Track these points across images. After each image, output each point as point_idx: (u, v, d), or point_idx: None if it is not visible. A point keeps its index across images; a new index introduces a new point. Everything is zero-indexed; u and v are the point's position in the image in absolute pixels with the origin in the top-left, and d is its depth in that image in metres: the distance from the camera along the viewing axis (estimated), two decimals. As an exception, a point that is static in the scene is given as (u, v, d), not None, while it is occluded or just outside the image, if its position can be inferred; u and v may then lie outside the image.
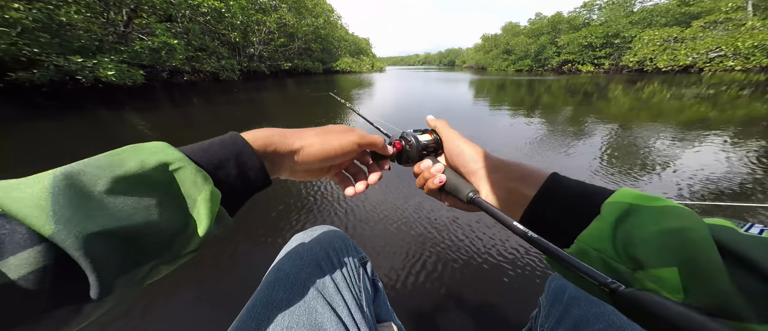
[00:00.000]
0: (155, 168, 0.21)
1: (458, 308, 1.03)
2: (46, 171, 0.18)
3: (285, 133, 0.32)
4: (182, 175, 0.22)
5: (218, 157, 0.26)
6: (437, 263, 1.24)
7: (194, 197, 0.22)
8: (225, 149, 0.26)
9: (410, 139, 0.41)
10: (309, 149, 0.33)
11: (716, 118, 4.08)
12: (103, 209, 0.18)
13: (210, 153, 0.25)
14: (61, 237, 0.15)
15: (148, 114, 4.79)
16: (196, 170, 0.22)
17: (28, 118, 4.28)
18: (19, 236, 0.15)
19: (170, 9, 8.80)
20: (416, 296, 1.08)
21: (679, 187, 1.92)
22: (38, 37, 5.46)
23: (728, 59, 14.04)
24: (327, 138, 0.34)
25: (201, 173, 0.23)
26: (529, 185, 0.30)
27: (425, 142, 0.41)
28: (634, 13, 22.94)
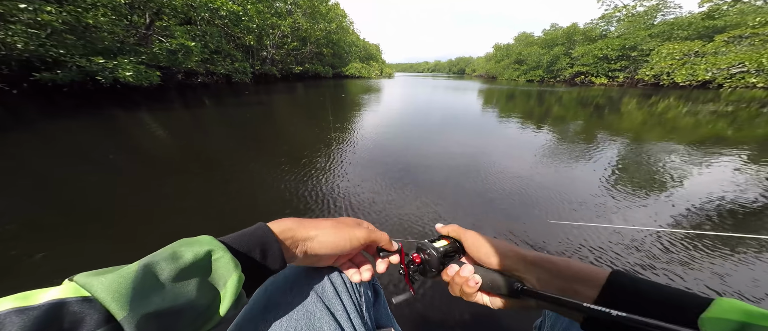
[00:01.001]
0: (203, 258, 0.26)
1: (459, 315, 1.03)
2: (130, 264, 0.23)
3: (303, 222, 0.37)
4: (220, 262, 0.27)
5: (247, 246, 0.31)
6: None
7: (225, 279, 0.27)
8: (254, 239, 0.32)
9: (427, 250, 0.41)
10: (322, 238, 0.37)
11: (733, 137, 3.92)
12: (160, 292, 0.22)
13: (242, 242, 0.31)
14: (127, 320, 0.20)
15: (162, 115, 4.97)
16: (231, 258, 0.28)
17: (50, 118, 4.51)
18: (96, 317, 0.20)
19: (190, 12, 9.16)
20: (417, 302, 1.08)
21: (690, 211, 1.84)
22: (65, 39, 5.77)
23: (750, 75, 13.48)
24: (339, 231, 0.38)
25: (234, 260, 0.28)
26: (587, 284, 0.29)
27: (444, 250, 0.40)
28: (655, 25, 22.39)
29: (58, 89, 6.72)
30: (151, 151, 2.96)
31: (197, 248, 0.26)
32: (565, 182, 2.32)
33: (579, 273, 0.30)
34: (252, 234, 0.32)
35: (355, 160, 2.74)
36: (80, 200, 1.81)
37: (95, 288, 0.20)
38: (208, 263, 0.27)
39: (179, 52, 8.40)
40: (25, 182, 2.08)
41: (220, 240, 0.29)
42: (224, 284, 0.26)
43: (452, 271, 0.39)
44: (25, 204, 1.74)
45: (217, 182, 2.16)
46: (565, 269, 0.31)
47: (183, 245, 0.27)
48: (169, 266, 0.24)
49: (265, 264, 0.32)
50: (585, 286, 0.29)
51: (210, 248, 0.27)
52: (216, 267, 0.27)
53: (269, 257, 0.32)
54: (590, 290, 0.28)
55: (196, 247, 0.27)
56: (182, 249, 0.26)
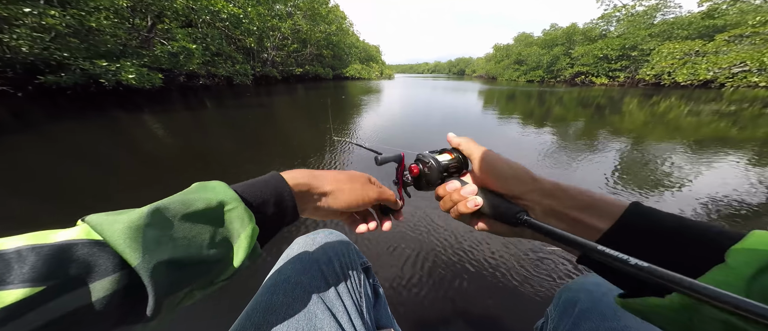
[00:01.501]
0: (216, 207, 0.25)
1: (459, 316, 1.02)
2: (140, 208, 0.22)
3: (317, 175, 0.35)
4: (234, 214, 0.26)
5: (262, 197, 0.29)
6: (439, 270, 1.23)
7: (239, 232, 0.26)
8: (268, 189, 0.30)
9: (428, 162, 0.38)
10: (337, 194, 0.36)
11: (736, 137, 3.91)
12: (172, 240, 0.21)
13: (255, 192, 0.29)
14: (142, 266, 0.19)
15: (164, 117, 5.00)
16: (244, 209, 0.26)
17: (54, 120, 4.54)
18: (109, 262, 0.19)
19: (192, 14, 9.23)
20: (417, 303, 1.07)
21: (692, 208, 1.84)
22: (69, 42, 5.83)
23: (752, 75, 13.46)
24: (353, 187, 0.37)
25: (248, 212, 0.27)
26: (601, 216, 0.26)
27: (446, 163, 0.38)
28: (655, 25, 22.41)
29: (62, 92, 6.77)
30: (153, 152, 2.98)
31: (210, 196, 0.25)
32: (568, 181, 2.31)
33: (593, 202, 0.27)
34: (266, 184, 0.31)
35: (355, 163, 2.75)
36: (82, 201, 1.83)
37: (108, 232, 0.19)
38: (221, 214, 0.25)
39: (181, 55, 8.46)
40: (30, 183, 2.09)
41: (233, 188, 0.28)
42: (238, 236, 0.25)
43: (451, 187, 0.36)
44: (28, 205, 1.76)
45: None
46: (578, 197, 0.28)
47: (195, 192, 0.26)
48: (180, 213, 0.23)
49: (278, 217, 0.30)
50: (597, 217, 0.26)
51: (223, 198, 0.26)
52: (229, 219, 0.25)
53: (283, 209, 0.31)
54: (602, 222, 0.25)
55: (210, 194, 0.26)
56: (194, 197, 0.25)
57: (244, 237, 0.26)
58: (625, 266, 0.19)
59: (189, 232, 0.23)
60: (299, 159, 2.74)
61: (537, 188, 0.31)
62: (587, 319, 0.41)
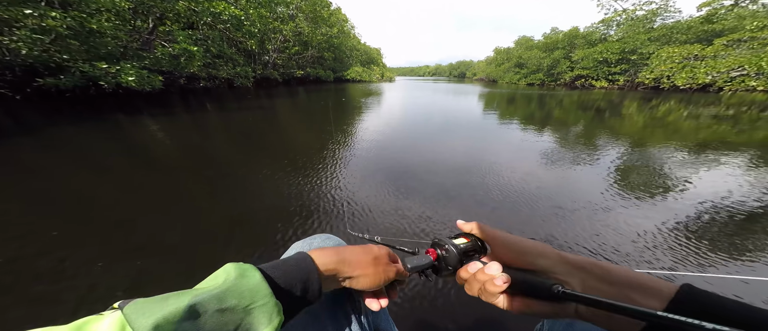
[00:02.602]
0: (248, 304, 0.26)
1: (458, 319, 1.02)
2: (179, 293, 0.24)
3: (345, 259, 0.36)
4: (264, 309, 0.27)
5: (291, 281, 0.31)
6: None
7: (265, 325, 0.26)
8: (298, 273, 0.32)
9: (446, 246, 0.38)
10: (362, 280, 0.37)
11: (735, 140, 3.91)
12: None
13: (285, 276, 0.31)
14: None
15: (164, 120, 4.99)
16: (274, 305, 0.27)
17: (52, 123, 4.53)
18: None
19: (193, 16, 9.26)
20: (416, 307, 1.08)
21: (692, 213, 1.83)
22: (69, 44, 5.83)
23: (750, 79, 13.50)
24: (376, 270, 0.38)
25: (277, 306, 0.27)
26: (651, 296, 0.25)
27: (464, 247, 0.38)
28: (654, 29, 22.53)
29: (61, 94, 6.77)
30: (152, 155, 2.97)
31: (244, 292, 0.26)
32: (569, 185, 2.31)
33: (639, 281, 0.26)
34: (297, 267, 0.32)
35: (356, 164, 2.74)
36: (81, 205, 1.81)
37: (139, 326, 0.20)
38: (252, 307, 0.26)
39: (182, 57, 8.47)
40: (28, 186, 2.08)
41: (265, 275, 0.29)
42: (263, 329, 0.26)
43: (474, 268, 0.35)
44: (28, 208, 1.74)
45: (219, 186, 2.16)
46: (621, 275, 0.27)
47: (230, 283, 0.26)
48: (213, 308, 0.24)
49: (303, 298, 0.31)
50: (647, 297, 0.25)
51: (256, 294, 0.27)
52: (259, 312, 0.26)
53: (308, 292, 0.32)
54: (653, 302, 0.24)
55: (243, 289, 0.26)
56: (229, 292, 0.26)
57: (269, 329, 0.27)
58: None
59: (217, 325, 0.24)
60: (299, 160, 2.73)
61: (563, 261, 0.30)
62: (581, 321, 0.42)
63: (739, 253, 1.46)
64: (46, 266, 1.26)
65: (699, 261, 1.40)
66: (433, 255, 0.40)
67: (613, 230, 1.66)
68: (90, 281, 1.19)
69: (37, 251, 1.36)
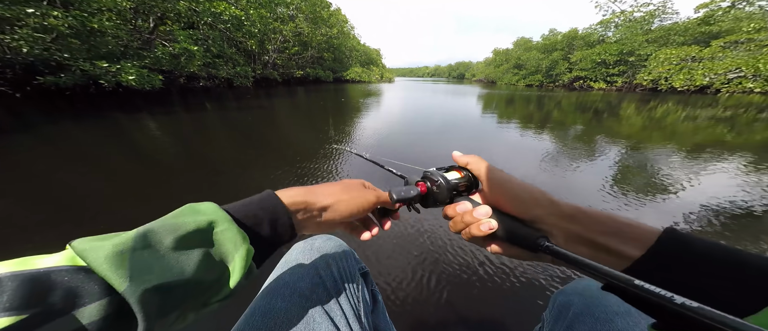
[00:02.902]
0: (206, 229, 0.25)
1: (457, 322, 1.02)
2: (127, 231, 0.22)
3: (312, 191, 0.35)
4: (226, 235, 0.25)
5: (255, 216, 0.29)
6: (437, 275, 1.24)
7: (232, 254, 0.25)
8: (262, 208, 0.30)
9: (436, 179, 0.37)
10: (337, 206, 0.35)
11: (732, 142, 3.95)
12: (161, 264, 0.21)
13: (249, 212, 0.29)
14: (129, 292, 0.18)
15: (164, 118, 5.00)
16: (237, 231, 0.26)
17: (52, 121, 4.53)
18: (95, 288, 0.18)
19: (194, 16, 9.28)
20: (415, 309, 1.08)
21: (689, 213, 1.86)
22: (70, 43, 5.84)
23: (747, 81, 13.62)
24: (351, 196, 0.37)
25: (241, 233, 0.26)
26: (631, 242, 0.24)
27: (455, 181, 0.36)
28: (652, 31, 22.68)
29: (60, 93, 6.76)
30: (152, 154, 2.98)
31: (200, 218, 0.25)
32: (566, 186, 2.34)
33: (621, 227, 0.25)
34: (260, 203, 0.30)
35: (356, 163, 2.76)
36: (78, 203, 1.83)
37: (92, 257, 0.19)
38: (212, 235, 0.25)
39: (182, 57, 8.49)
40: (27, 185, 2.09)
41: (225, 209, 0.27)
42: (232, 257, 0.25)
43: (463, 208, 0.34)
44: (26, 207, 1.76)
45: (218, 184, 2.18)
46: (605, 222, 0.26)
47: (185, 215, 0.25)
48: (170, 236, 0.22)
49: (274, 237, 0.30)
50: (627, 243, 0.24)
51: (214, 219, 0.25)
52: (222, 240, 0.25)
53: (279, 229, 0.30)
54: (633, 249, 0.24)
55: (200, 216, 0.25)
56: (184, 219, 0.24)
57: (238, 258, 0.25)
58: (670, 304, 0.18)
59: (179, 255, 0.22)
60: (299, 160, 2.75)
61: (556, 212, 0.29)
62: (581, 322, 0.41)
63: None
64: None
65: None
66: (422, 188, 0.38)
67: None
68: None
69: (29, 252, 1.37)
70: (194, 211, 0.26)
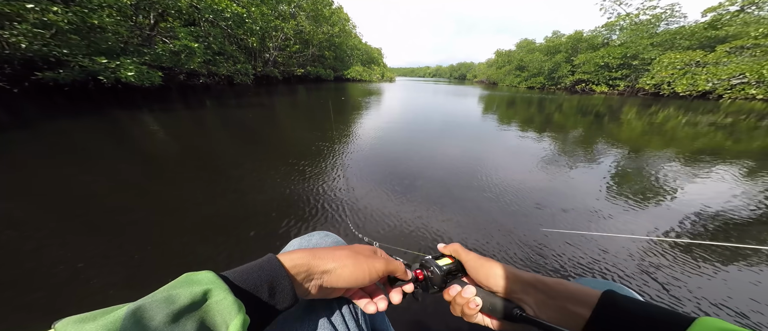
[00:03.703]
0: (200, 301, 0.25)
1: (454, 322, 1.02)
2: (117, 306, 0.22)
3: (318, 255, 0.35)
4: (221, 305, 0.25)
5: (255, 282, 0.29)
6: None
7: (227, 324, 0.25)
8: (262, 275, 0.30)
9: (431, 267, 0.41)
10: (340, 271, 0.35)
11: (731, 149, 3.92)
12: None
13: (248, 278, 0.29)
14: None
15: (163, 115, 5.00)
16: (233, 301, 0.26)
17: (50, 117, 4.54)
18: None
19: (195, 13, 9.26)
20: (413, 308, 1.08)
21: (685, 220, 1.84)
22: (69, 39, 5.84)
23: (751, 87, 13.51)
24: (357, 262, 0.36)
25: (236, 303, 0.26)
26: (581, 304, 0.30)
27: (447, 268, 0.41)
28: (657, 34, 22.49)
29: (59, 88, 6.77)
30: (148, 151, 2.98)
31: (195, 290, 0.25)
32: (564, 190, 2.32)
33: (572, 294, 0.31)
34: (260, 269, 0.31)
35: (356, 165, 2.75)
36: (75, 201, 1.83)
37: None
38: (207, 307, 0.25)
39: (182, 53, 8.48)
40: (24, 182, 2.09)
41: (222, 277, 0.27)
42: (226, 328, 0.25)
43: (454, 292, 0.39)
44: (22, 205, 1.76)
45: (215, 184, 2.17)
46: (559, 290, 0.32)
47: (180, 286, 0.25)
48: (162, 312, 0.22)
49: (273, 303, 0.30)
50: (578, 306, 0.30)
51: (208, 288, 0.25)
52: (217, 310, 0.25)
53: (278, 295, 0.30)
54: (583, 310, 0.30)
55: (195, 287, 0.25)
56: (179, 292, 0.24)
57: (232, 328, 0.25)
58: None
59: (173, 328, 0.22)
60: (297, 158, 2.74)
61: (520, 282, 0.35)
62: None
63: (728, 252, 1.47)
64: (34, 265, 1.27)
65: (694, 260, 1.41)
66: (420, 276, 0.42)
67: (607, 232, 1.67)
68: (82, 281, 1.20)
69: (26, 248, 1.37)
70: (190, 282, 0.26)
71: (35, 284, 1.17)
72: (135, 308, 0.21)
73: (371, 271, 0.37)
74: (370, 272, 0.37)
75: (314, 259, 0.34)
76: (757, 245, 1.66)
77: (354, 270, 0.36)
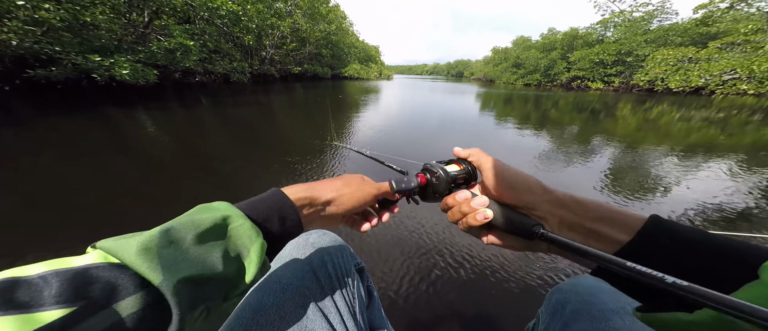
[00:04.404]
0: (222, 225, 0.26)
1: (452, 317, 1.03)
2: (148, 230, 0.22)
3: (315, 187, 0.36)
4: (241, 230, 0.26)
5: (265, 213, 0.30)
6: (432, 271, 1.25)
7: (248, 248, 0.26)
8: (270, 205, 0.31)
9: (436, 171, 0.37)
10: (340, 200, 0.36)
11: (724, 143, 4.00)
12: (187, 259, 0.22)
13: (258, 209, 0.30)
14: (164, 285, 0.19)
15: (158, 114, 4.95)
16: (251, 226, 0.27)
17: (42, 115, 4.47)
18: (130, 282, 0.19)
19: (190, 11, 9.14)
20: (411, 304, 1.08)
21: (680, 211, 1.89)
22: (61, 36, 5.74)
23: (742, 82, 13.75)
24: (352, 190, 0.38)
25: (254, 228, 0.27)
26: (620, 228, 0.25)
27: (454, 174, 0.37)
28: (650, 31, 22.73)
29: (51, 86, 6.66)
30: (144, 149, 2.96)
31: (216, 214, 0.26)
32: (561, 184, 2.35)
33: (611, 214, 0.27)
34: (268, 200, 0.32)
35: (355, 164, 2.76)
36: (70, 199, 1.81)
37: (124, 254, 0.20)
38: (229, 231, 0.26)
39: (178, 51, 8.37)
40: (20, 179, 2.07)
41: (237, 206, 0.29)
42: (248, 252, 0.26)
43: (461, 197, 0.35)
44: (19, 202, 1.74)
45: (213, 183, 2.17)
46: (595, 210, 0.28)
47: (200, 212, 0.26)
48: (191, 233, 0.23)
49: (283, 231, 0.31)
50: (616, 229, 0.25)
51: (228, 214, 0.26)
52: (237, 235, 0.26)
53: (287, 224, 0.31)
54: (621, 234, 0.25)
55: (215, 213, 0.26)
56: (201, 216, 0.25)
57: (253, 252, 0.26)
58: (662, 283, 0.19)
59: (202, 250, 0.23)
60: (297, 158, 2.74)
61: (550, 199, 0.30)
62: (577, 320, 0.41)
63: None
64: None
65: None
66: (422, 180, 0.39)
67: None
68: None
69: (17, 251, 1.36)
70: (208, 209, 0.27)
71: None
72: (166, 229, 0.23)
73: (365, 196, 0.38)
74: (365, 198, 0.38)
75: (315, 191, 0.35)
76: (750, 234, 1.71)
77: (351, 196, 0.37)
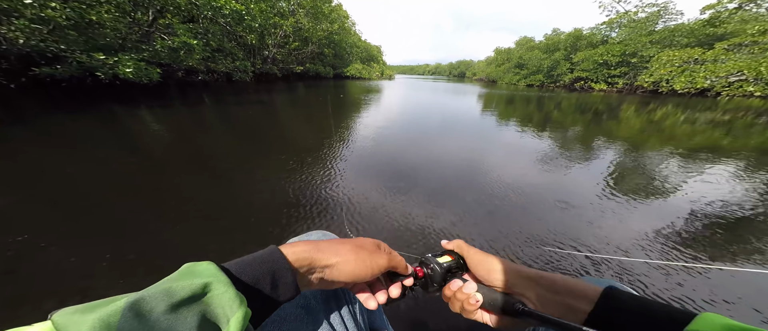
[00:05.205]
0: (201, 293, 0.24)
1: (451, 317, 1.02)
2: (116, 297, 0.21)
3: (321, 248, 0.34)
4: (222, 299, 0.24)
5: (256, 275, 0.29)
6: None
7: (228, 317, 0.24)
8: (264, 266, 0.30)
9: (431, 264, 0.40)
10: (342, 266, 0.34)
11: (728, 146, 3.96)
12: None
13: (250, 270, 0.29)
14: None
15: (161, 112, 4.99)
16: (235, 294, 0.25)
17: (47, 113, 4.52)
18: None
19: (194, 10, 9.19)
20: (411, 306, 1.08)
21: (683, 217, 1.87)
22: (67, 35, 5.79)
23: (749, 84, 13.58)
24: (359, 257, 0.35)
25: (238, 296, 0.25)
26: (582, 300, 0.31)
27: (447, 265, 0.40)
28: (656, 32, 22.48)
29: (56, 84, 6.73)
30: (147, 148, 2.98)
31: (195, 282, 0.24)
32: (562, 188, 2.34)
33: (574, 289, 0.32)
34: (262, 261, 0.30)
35: (354, 162, 2.76)
36: (74, 197, 1.83)
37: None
38: (208, 299, 0.24)
39: (181, 50, 8.42)
40: (21, 177, 2.09)
41: (224, 268, 0.27)
42: (227, 322, 0.24)
43: (455, 286, 0.39)
44: (22, 201, 1.76)
45: (213, 181, 2.18)
46: (561, 285, 0.33)
47: (181, 279, 0.25)
48: (161, 305, 0.22)
49: (275, 295, 0.29)
50: (580, 301, 0.31)
51: (209, 280, 0.25)
52: (218, 303, 0.24)
53: (281, 287, 0.30)
54: (585, 305, 0.30)
55: (195, 280, 0.24)
56: (179, 284, 0.24)
57: (233, 322, 0.24)
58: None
59: (173, 321, 0.21)
60: (297, 156, 2.75)
61: (523, 277, 0.35)
62: None
63: (725, 246, 1.50)
64: (29, 263, 1.28)
65: (689, 254, 1.44)
66: (419, 273, 0.42)
67: (608, 226, 1.70)
68: (80, 279, 1.21)
69: (20, 245, 1.38)
70: (191, 273, 0.25)
71: (30, 279, 1.18)
72: (134, 300, 0.21)
73: (373, 266, 0.36)
74: (372, 268, 0.36)
75: (317, 252, 0.33)
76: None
77: (356, 266, 0.35)
